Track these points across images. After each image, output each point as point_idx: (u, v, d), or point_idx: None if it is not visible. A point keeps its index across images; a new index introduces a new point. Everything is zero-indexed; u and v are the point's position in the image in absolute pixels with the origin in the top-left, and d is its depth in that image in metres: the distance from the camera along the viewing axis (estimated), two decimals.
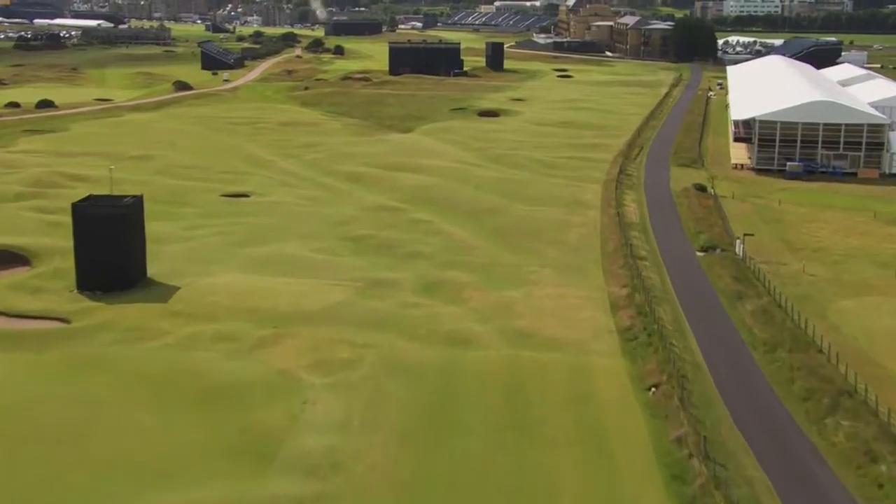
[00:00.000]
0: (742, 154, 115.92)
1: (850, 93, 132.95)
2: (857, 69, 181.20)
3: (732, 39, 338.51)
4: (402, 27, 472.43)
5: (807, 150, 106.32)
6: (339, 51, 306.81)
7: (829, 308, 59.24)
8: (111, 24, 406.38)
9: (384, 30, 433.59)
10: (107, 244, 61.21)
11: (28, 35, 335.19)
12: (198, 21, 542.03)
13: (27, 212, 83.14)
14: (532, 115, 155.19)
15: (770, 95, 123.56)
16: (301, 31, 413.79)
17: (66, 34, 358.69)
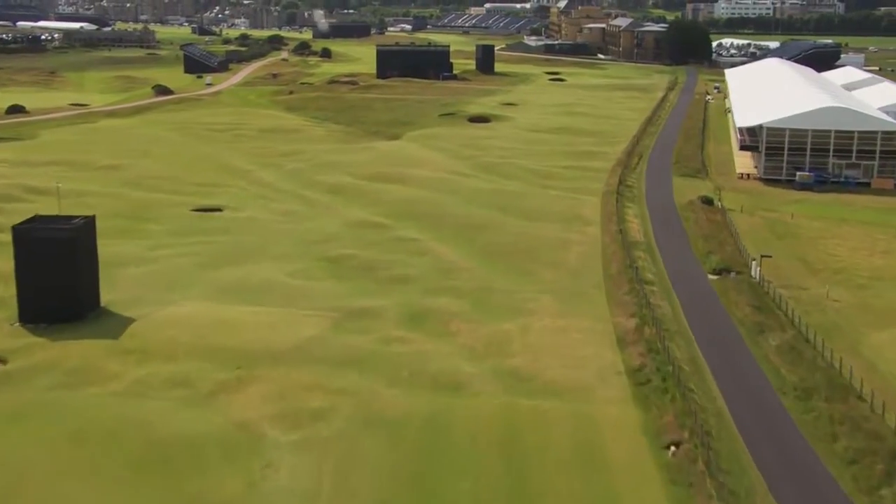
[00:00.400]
0: (747, 163, 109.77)
1: (858, 97, 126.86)
2: (861, 72, 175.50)
3: (726, 41, 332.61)
4: (392, 29, 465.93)
5: (817, 159, 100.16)
6: (327, 54, 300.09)
7: (862, 341, 52.97)
8: (94, 27, 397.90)
9: (373, 32, 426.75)
10: (52, 271, 54.51)
11: (8, 37, 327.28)
12: (184, 23, 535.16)
13: None
14: (524, 121, 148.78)
15: (777, 101, 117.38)
16: (288, 34, 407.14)
17: (48, 37, 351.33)
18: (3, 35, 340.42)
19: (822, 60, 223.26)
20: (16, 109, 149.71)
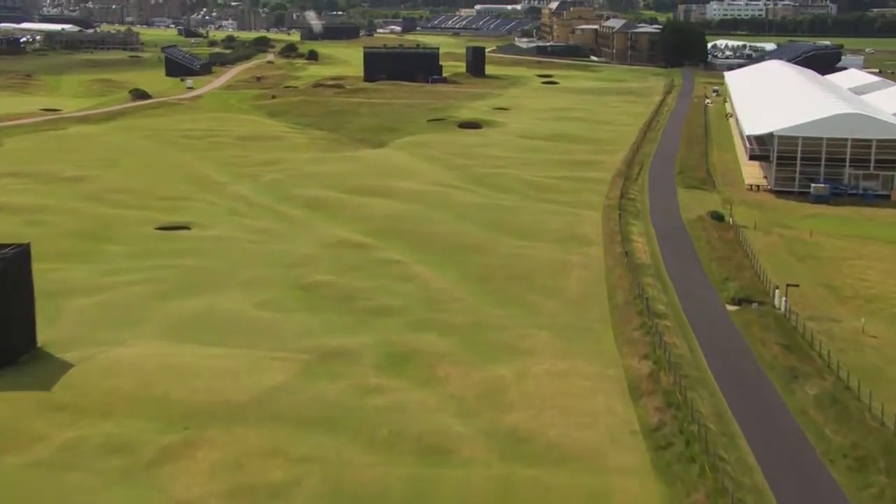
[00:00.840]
0: (756, 173, 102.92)
1: (868, 102, 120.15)
2: (867, 75, 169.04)
3: (721, 43, 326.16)
4: (381, 31, 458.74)
5: (832, 170, 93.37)
6: (314, 56, 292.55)
7: None
8: (77, 29, 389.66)
9: (362, 34, 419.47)
10: None
11: None
12: (170, 25, 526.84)
13: None
14: (517, 127, 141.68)
15: (787, 107, 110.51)
16: (276, 36, 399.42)
17: (29, 39, 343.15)
18: None
19: (823, 63, 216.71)
20: None
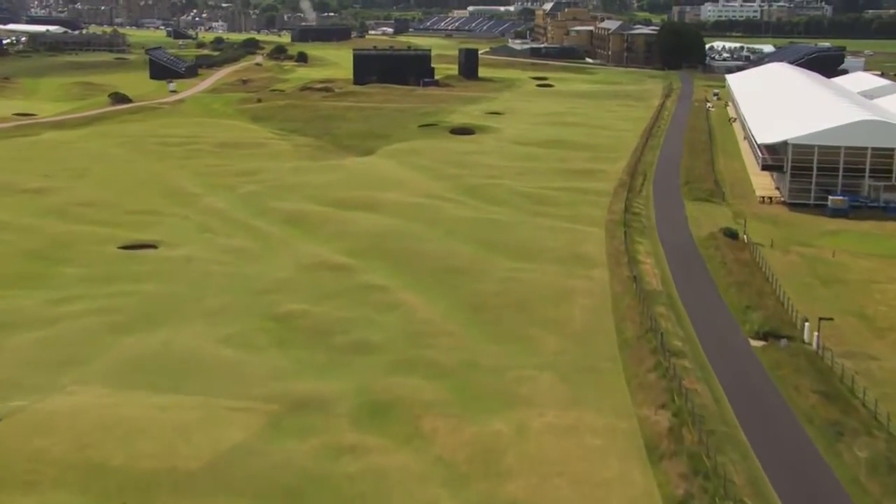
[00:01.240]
0: (767, 184, 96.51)
1: (884, 107, 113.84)
2: (876, 79, 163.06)
3: (717, 45, 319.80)
4: (373, 33, 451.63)
5: (850, 181, 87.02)
6: (303, 58, 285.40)
7: None
8: (62, 30, 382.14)
9: (353, 36, 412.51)
10: None
11: None
12: (160, 27, 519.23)
13: None
14: (512, 133, 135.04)
15: (800, 114, 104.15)
16: (265, 37, 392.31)
17: (13, 40, 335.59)
18: None
19: (825, 65, 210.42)
20: None
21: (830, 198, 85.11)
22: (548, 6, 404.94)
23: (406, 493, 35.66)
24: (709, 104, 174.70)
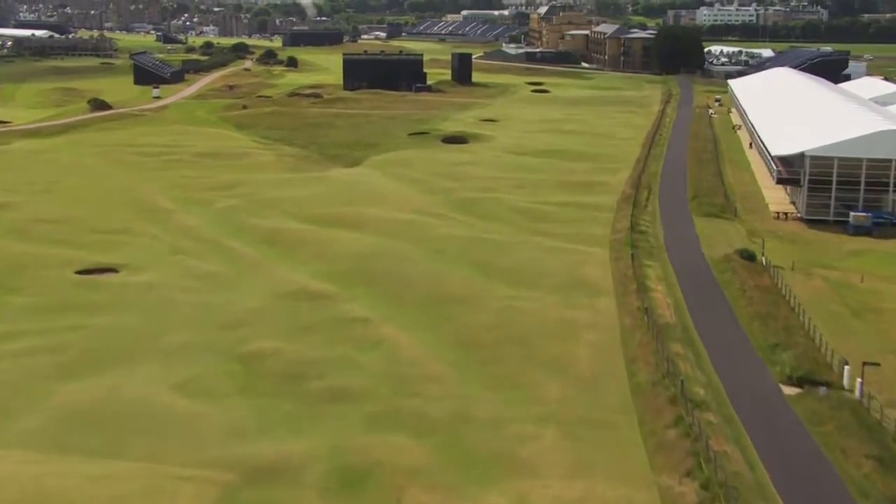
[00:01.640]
0: (781, 198, 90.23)
1: None
2: (886, 84, 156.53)
3: (715, 49, 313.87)
4: (366, 37, 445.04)
5: (872, 195, 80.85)
6: (293, 63, 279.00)
7: None
8: (48, 35, 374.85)
9: (346, 40, 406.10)
10: None
11: None
12: (150, 31, 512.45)
13: None
14: (507, 141, 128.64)
15: (815, 123, 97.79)
16: (255, 42, 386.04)
17: None
18: None
19: (829, 70, 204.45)
20: None
21: (852, 214, 78.86)
22: (543, 10, 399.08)
23: None
24: (711, 110, 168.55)
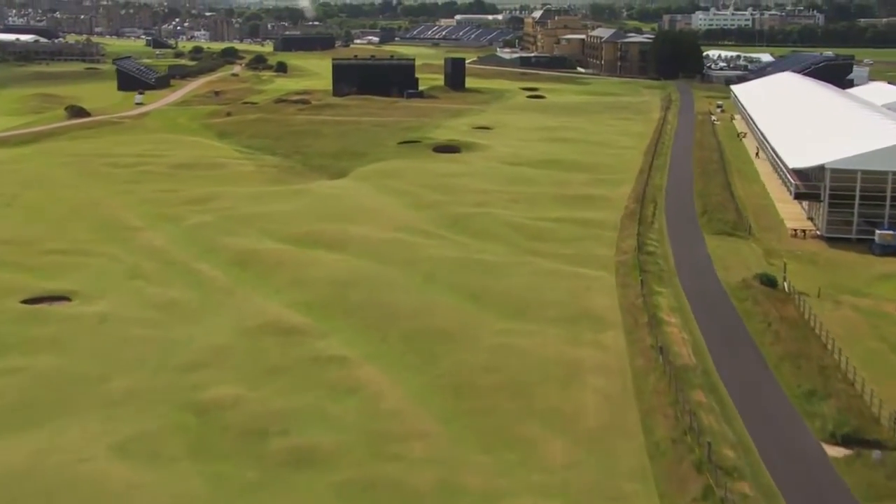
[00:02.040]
0: (797, 213, 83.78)
1: None
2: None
3: (713, 53, 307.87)
4: (359, 42, 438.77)
5: (894, 211, 74.47)
6: (282, 68, 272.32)
7: None
8: (33, 39, 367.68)
9: (338, 45, 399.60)
10: None
11: None
12: (141, 36, 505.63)
13: None
14: (502, 151, 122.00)
15: (833, 132, 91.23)
16: (246, 47, 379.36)
17: None
18: None
19: (834, 75, 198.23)
20: None
21: (878, 232, 72.38)
22: (537, 14, 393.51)
23: None
24: (713, 117, 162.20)
